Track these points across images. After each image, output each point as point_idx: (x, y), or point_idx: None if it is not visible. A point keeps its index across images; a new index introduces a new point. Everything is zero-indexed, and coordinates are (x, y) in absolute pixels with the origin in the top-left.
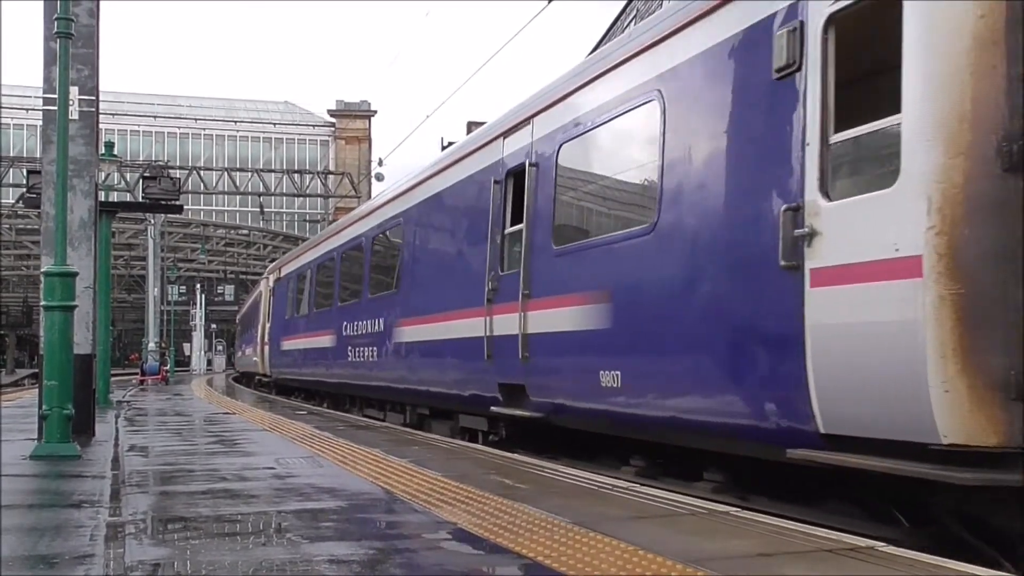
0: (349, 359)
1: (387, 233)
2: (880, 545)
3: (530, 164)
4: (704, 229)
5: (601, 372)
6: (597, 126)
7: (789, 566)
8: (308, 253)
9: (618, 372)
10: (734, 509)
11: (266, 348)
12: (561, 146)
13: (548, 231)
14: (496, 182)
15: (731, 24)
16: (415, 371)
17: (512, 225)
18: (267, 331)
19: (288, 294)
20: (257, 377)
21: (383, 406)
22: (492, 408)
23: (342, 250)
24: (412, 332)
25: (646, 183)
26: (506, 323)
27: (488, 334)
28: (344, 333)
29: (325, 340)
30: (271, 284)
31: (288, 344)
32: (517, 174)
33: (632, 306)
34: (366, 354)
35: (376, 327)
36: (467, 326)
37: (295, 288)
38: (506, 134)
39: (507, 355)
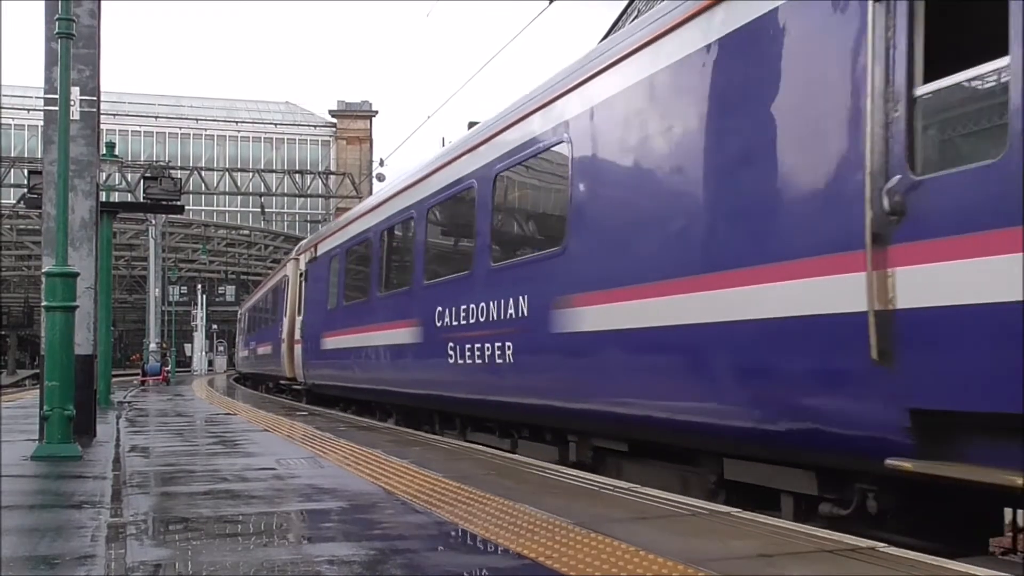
0: (448, 360)
1: (532, 162)
2: (881, 546)
3: None
4: None
5: None
6: None
7: (790, 566)
8: (364, 219)
9: None
10: (735, 510)
11: (297, 348)
12: None
13: None
14: None
15: None
16: (605, 379)
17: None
18: (297, 326)
19: (332, 277)
20: (283, 383)
21: (508, 430)
22: (889, 461)
23: (429, 205)
24: (601, 315)
25: None
26: (969, 276)
27: (882, 306)
28: (438, 323)
29: (400, 334)
30: (302, 267)
31: (333, 341)
32: None
33: None
34: (485, 353)
35: (510, 311)
36: (798, 294)
37: (344, 268)
38: None
39: (958, 351)
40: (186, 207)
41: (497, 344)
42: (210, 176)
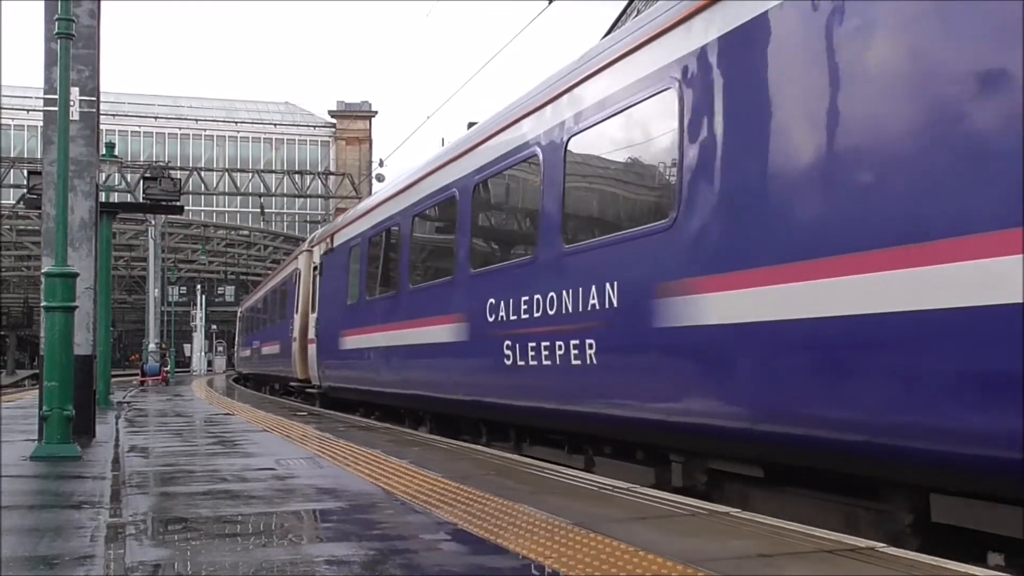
0: (504, 361)
1: (621, 119)
2: (880, 546)
3: None
4: None
5: None
6: None
7: (789, 566)
8: (391, 204)
9: None
10: (734, 510)
11: (310, 347)
12: None
13: None
14: None
15: None
16: (740, 386)
17: None
18: (311, 324)
19: (353, 269)
20: (293, 385)
21: (579, 444)
22: None
23: (476, 181)
24: (732, 303)
25: None
26: None
27: None
28: (490, 318)
29: (438, 331)
30: (317, 260)
31: (354, 340)
32: None
33: None
34: (556, 353)
35: (592, 301)
36: None
37: (367, 259)
38: None
39: None
40: (185, 207)
41: (574, 342)
42: (209, 176)
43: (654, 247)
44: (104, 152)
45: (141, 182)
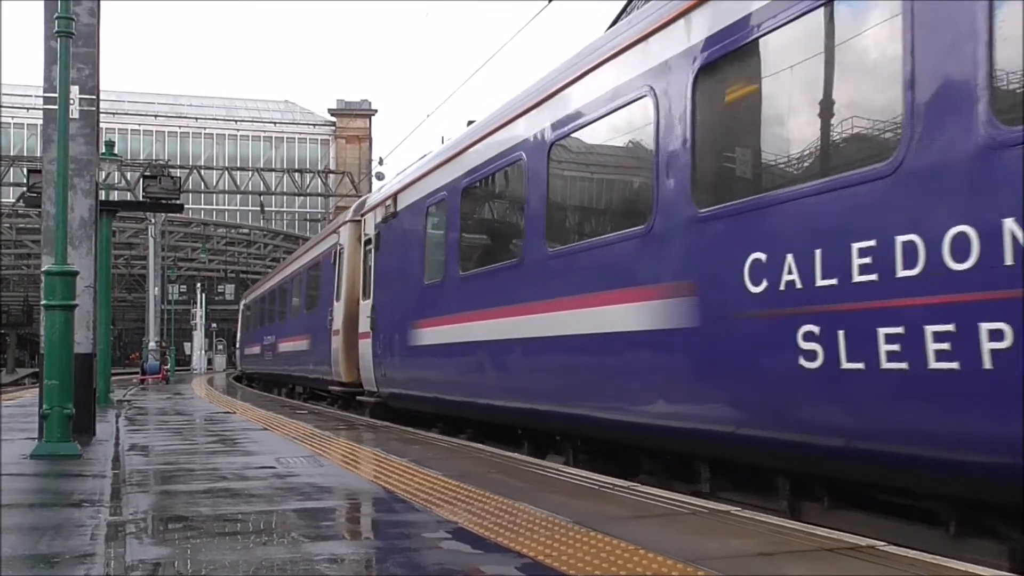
0: (801, 361)
1: None
2: (881, 544)
3: None
4: None
5: None
6: None
7: (789, 565)
8: (500, 135)
9: None
10: (734, 508)
11: (363, 343)
12: None
13: None
14: None
15: None
16: None
17: None
18: (362, 313)
19: (434, 234)
20: (333, 389)
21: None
22: None
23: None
24: None
25: None
26: None
27: None
28: (757, 287)
29: (617, 315)
30: (370, 231)
31: (437, 333)
32: None
33: None
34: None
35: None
36: None
37: (461, 218)
38: None
39: None
40: (185, 206)
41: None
42: (209, 175)
43: None
44: (104, 150)
45: (141, 180)
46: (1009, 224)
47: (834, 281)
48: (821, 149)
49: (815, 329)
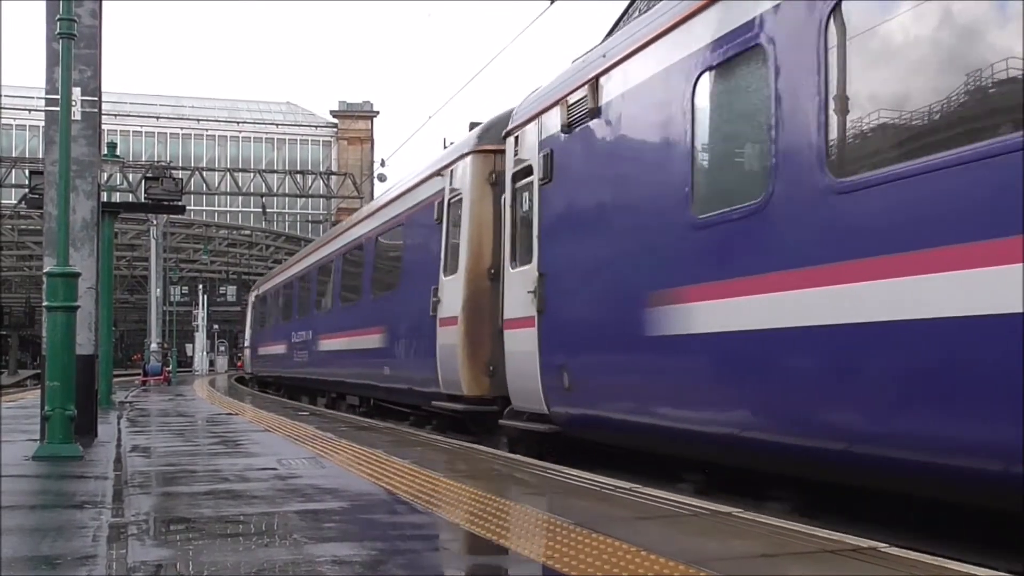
0: None
1: None
2: (882, 546)
3: None
4: None
5: None
6: None
7: (791, 566)
8: None
9: None
10: (736, 510)
11: (514, 335)
12: None
13: None
14: None
15: None
16: None
17: None
18: (507, 288)
19: (715, 113)
20: (443, 406)
21: None
22: None
23: None
24: None
25: None
26: None
27: None
28: None
29: None
30: (528, 153)
31: (731, 310)
32: None
33: None
34: None
35: None
36: None
37: (803, 76)
38: None
39: None
40: (187, 207)
41: None
42: (211, 176)
43: None
44: (106, 152)
45: (143, 182)
46: None
47: None
48: None
49: None
